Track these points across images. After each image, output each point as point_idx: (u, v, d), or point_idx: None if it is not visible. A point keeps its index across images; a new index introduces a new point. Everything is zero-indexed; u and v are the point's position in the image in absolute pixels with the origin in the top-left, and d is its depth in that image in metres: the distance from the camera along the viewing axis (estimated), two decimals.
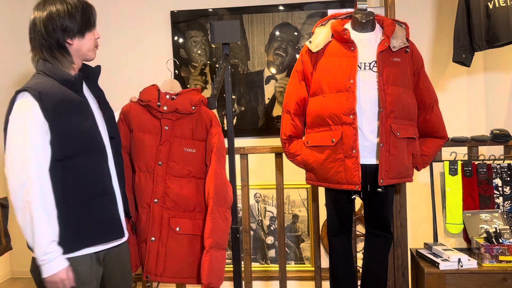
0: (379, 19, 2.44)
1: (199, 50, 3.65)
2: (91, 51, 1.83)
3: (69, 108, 1.72)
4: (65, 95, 1.73)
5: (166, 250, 2.12)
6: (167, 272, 2.13)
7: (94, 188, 1.77)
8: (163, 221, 2.13)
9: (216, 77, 2.39)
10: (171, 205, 2.13)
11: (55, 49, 1.76)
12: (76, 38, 1.77)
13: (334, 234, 2.50)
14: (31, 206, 1.63)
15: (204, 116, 2.22)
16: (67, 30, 1.74)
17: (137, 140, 2.17)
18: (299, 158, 2.46)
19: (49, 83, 1.72)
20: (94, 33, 1.83)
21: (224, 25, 2.50)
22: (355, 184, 2.25)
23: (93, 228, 1.76)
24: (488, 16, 2.91)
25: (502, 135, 2.67)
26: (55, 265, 1.66)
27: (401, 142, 2.31)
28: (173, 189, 2.13)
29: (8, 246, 3.37)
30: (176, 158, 2.15)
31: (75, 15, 1.75)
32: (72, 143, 1.71)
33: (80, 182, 1.73)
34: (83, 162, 1.74)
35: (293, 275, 3.46)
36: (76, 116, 1.73)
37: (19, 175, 1.64)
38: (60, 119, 1.69)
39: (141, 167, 2.17)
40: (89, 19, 1.79)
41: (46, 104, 1.66)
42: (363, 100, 2.28)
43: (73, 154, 1.72)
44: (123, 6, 3.71)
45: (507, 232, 2.49)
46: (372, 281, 2.50)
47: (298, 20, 3.56)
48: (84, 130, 1.75)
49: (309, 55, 2.43)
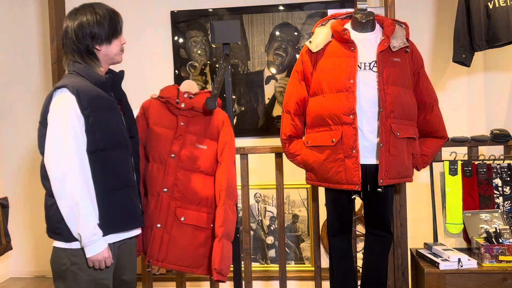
0: (379, 19, 2.44)
1: (199, 50, 3.65)
2: (117, 55, 2.01)
3: (102, 105, 1.90)
4: (97, 94, 1.90)
5: (169, 237, 2.23)
6: (168, 258, 2.24)
7: (120, 180, 1.95)
8: (170, 210, 2.24)
9: (216, 77, 2.40)
10: (178, 196, 2.25)
11: (85, 54, 1.94)
12: (104, 45, 1.95)
13: (334, 234, 2.50)
14: (76, 193, 1.79)
15: (217, 116, 2.35)
16: (96, 38, 1.92)
17: (153, 132, 2.32)
18: (299, 158, 2.46)
19: (82, 82, 1.89)
20: (121, 39, 2.01)
21: (224, 25, 2.50)
22: (355, 184, 2.25)
23: (119, 216, 1.93)
24: (488, 16, 2.91)
25: (502, 135, 2.67)
26: (100, 244, 1.84)
27: (401, 142, 2.31)
28: (182, 181, 2.25)
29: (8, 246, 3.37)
30: (188, 152, 2.28)
31: (103, 23, 1.93)
32: (104, 137, 1.88)
33: (109, 174, 1.90)
34: (112, 156, 1.92)
35: (293, 275, 3.46)
36: (107, 113, 1.92)
37: (61, 165, 1.80)
38: (94, 114, 1.86)
39: (155, 158, 2.30)
40: (115, 27, 1.97)
41: (82, 99, 1.83)
42: (363, 100, 2.28)
43: (104, 147, 1.88)
44: (123, 6, 3.71)
45: (507, 232, 2.49)
46: (372, 281, 2.50)
47: (298, 20, 3.56)
48: (113, 126, 1.93)
49: (309, 55, 2.43)
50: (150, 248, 2.24)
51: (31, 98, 3.78)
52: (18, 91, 3.81)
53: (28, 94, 3.80)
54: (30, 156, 3.82)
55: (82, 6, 1.96)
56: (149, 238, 2.25)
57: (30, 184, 3.82)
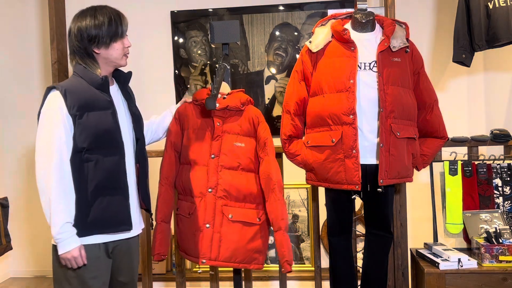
0: (379, 19, 2.44)
1: (199, 50, 3.66)
2: (119, 59, 2.01)
3: (92, 106, 1.92)
4: (91, 94, 1.93)
5: (220, 235, 2.29)
6: (220, 256, 2.29)
7: (107, 181, 1.94)
8: (217, 209, 2.30)
9: (216, 77, 2.40)
10: (223, 194, 2.31)
11: (85, 56, 1.97)
12: (103, 48, 1.96)
13: (334, 234, 2.50)
14: (51, 190, 1.84)
15: (251, 113, 2.39)
16: (93, 41, 1.94)
17: (191, 136, 2.39)
18: (299, 158, 2.46)
19: (78, 83, 1.95)
20: (124, 42, 2.01)
21: (224, 25, 2.50)
22: (355, 184, 2.25)
23: (103, 217, 1.93)
24: (488, 16, 2.91)
25: (502, 135, 2.67)
26: (69, 243, 1.85)
27: (401, 142, 2.31)
28: (225, 180, 2.31)
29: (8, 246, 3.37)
30: (227, 151, 2.33)
31: (101, 27, 1.94)
32: (91, 137, 1.89)
33: (95, 174, 1.91)
34: (99, 156, 1.92)
35: (293, 275, 3.46)
36: (97, 114, 1.92)
37: (43, 162, 1.87)
38: (81, 114, 1.89)
39: (196, 161, 2.35)
40: (115, 31, 1.97)
41: (70, 99, 1.89)
42: (363, 100, 2.28)
43: (91, 147, 1.90)
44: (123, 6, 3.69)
45: (507, 232, 2.50)
46: (372, 281, 2.50)
47: (298, 20, 3.56)
48: (103, 127, 1.92)
49: (309, 55, 2.43)
50: (201, 249, 2.29)
51: (31, 98, 3.78)
52: (18, 91, 3.81)
53: (28, 94, 3.79)
54: (30, 156, 3.82)
55: (86, 9, 2.00)
56: (198, 239, 2.30)
57: (30, 184, 3.82)
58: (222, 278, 2.97)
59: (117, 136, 1.98)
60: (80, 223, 1.89)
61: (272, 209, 2.28)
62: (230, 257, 2.29)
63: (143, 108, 2.40)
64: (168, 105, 3.61)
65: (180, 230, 2.40)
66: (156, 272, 3.47)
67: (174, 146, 2.40)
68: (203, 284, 3.52)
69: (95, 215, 1.91)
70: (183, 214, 2.37)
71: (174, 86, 3.67)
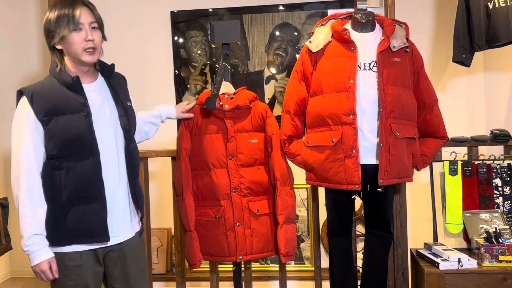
0: (379, 19, 2.44)
1: (199, 50, 3.66)
2: (79, 54, 1.83)
3: (61, 110, 1.80)
4: (60, 96, 1.81)
5: (251, 231, 2.39)
6: (254, 249, 2.41)
7: (81, 190, 1.82)
8: (243, 207, 2.39)
9: (216, 77, 2.40)
10: (247, 192, 2.39)
11: (52, 53, 1.87)
12: (61, 43, 1.83)
13: (334, 234, 2.50)
14: (18, 200, 1.80)
15: (259, 109, 2.45)
16: (50, 36, 1.83)
17: (205, 141, 2.42)
18: (299, 158, 2.46)
19: (50, 84, 1.84)
20: (83, 34, 1.82)
21: (224, 25, 2.50)
22: (355, 184, 2.25)
23: (77, 228, 1.83)
24: (488, 16, 2.91)
25: (502, 135, 2.67)
26: (37, 256, 1.80)
27: (401, 142, 2.31)
28: (246, 178, 2.39)
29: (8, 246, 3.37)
30: (243, 150, 2.40)
31: (56, 20, 1.80)
32: (60, 144, 1.79)
33: (68, 182, 1.81)
34: (71, 164, 1.81)
35: (293, 275, 3.46)
36: (67, 118, 1.80)
37: (13, 171, 1.81)
38: (50, 120, 1.79)
39: (215, 164, 2.40)
40: (67, 22, 1.79)
41: (36, 105, 1.79)
42: (363, 100, 2.28)
43: (60, 154, 1.80)
44: (123, 6, 3.72)
45: (507, 232, 2.49)
46: (372, 281, 2.50)
47: (298, 20, 3.56)
48: (73, 133, 1.80)
49: (309, 55, 2.43)
50: (236, 246, 2.38)
51: None
52: None
53: None
54: None
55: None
56: (231, 239, 2.38)
57: None
58: (222, 278, 2.97)
59: (90, 141, 1.82)
60: (55, 232, 1.82)
61: (276, 204, 2.39)
62: (262, 249, 2.42)
63: (143, 108, 2.40)
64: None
65: (204, 235, 2.42)
66: (156, 272, 3.48)
67: (187, 153, 2.43)
68: (203, 284, 3.52)
69: (70, 225, 1.82)
70: (206, 218, 2.41)
71: (174, 86, 3.67)
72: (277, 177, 2.38)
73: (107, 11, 3.65)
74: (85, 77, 1.90)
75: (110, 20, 3.66)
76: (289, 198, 2.40)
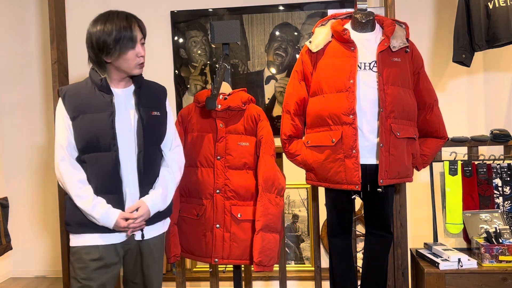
0: (379, 19, 2.44)
1: (199, 50, 3.66)
2: (131, 69, 1.95)
3: (87, 108, 1.92)
4: (89, 96, 1.94)
5: (230, 235, 2.33)
6: (232, 254, 2.34)
7: (102, 183, 1.92)
8: (226, 209, 2.34)
9: (216, 77, 2.40)
10: (231, 195, 2.35)
11: (95, 63, 1.95)
12: (113, 58, 1.90)
13: (334, 234, 2.50)
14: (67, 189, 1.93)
15: (253, 112, 2.41)
16: (102, 50, 1.89)
17: (196, 138, 2.42)
18: (299, 158, 2.46)
19: (83, 86, 1.98)
20: (136, 51, 1.92)
21: (224, 25, 2.50)
22: (355, 184, 2.25)
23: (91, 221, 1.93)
24: (488, 16, 2.91)
25: (502, 135, 2.67)
26: (111, 216, 1.90)
27: (401, 142, 2.31)
28: (232, 180, 2.35)
29: (8, 246, 3.38)
30: (232, 152, 2.36)
31: (110, 37, 1.86)
32: (83, 139, 1.91)
33: (91, 176, 1.93)
34: (91, 158, 1.92)
35: (293, 275, 3.46)
36: (91, 116, 1.91)
37: (55, 157, 1.95)
38: (76, 117, 1.91)
39: (202, 163, 2.39)
40: (125, 41, 1.88)
41: (67, 102, 1.94)
42: (363, 100, 2.28)
43: (83, 148, 1.92)
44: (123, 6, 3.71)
45: (507, 232, 2.50)
46: (372, 281, 2.50)
47: (298, 20, 3.56)
48: (95, 129, 1.90)
49: (309, 55, 2.43)
50: (214, 248, 2.34)
51: (31, 98, 3.78)
52: (18, 91, 3.81)
53: (28, 94, 3.80)
54: (30, 156, 3.82)
55: (101, 14, 1.94)
56: (208, 240, 2.35)
57: (30, 184, 3.82)
58: (222, 278, 2.97)
59: (111, 139, 1.91)
60: (79, 221, 1.92)
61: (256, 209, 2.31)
62: (242, 255, 2.33)
63: None
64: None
65: (185, 232, 2.41)
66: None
67: None
68: (203, 284, 3.52)
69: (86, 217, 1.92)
70: (189, 215, 2.39)
71: (174, 86, 3.67)
72: (260, 182, 2.31)
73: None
74: (119, 82, 1.99)
75: None
76: (272, 205, 2.31)
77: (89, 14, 2.04)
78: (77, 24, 3.41)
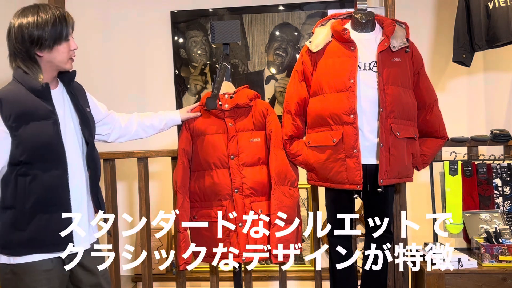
0: (379, 19, 2.44)
1: (199, 50, 3.65)
2: (64, 63, 1.84)
3: (29, 117, 1.76)
4: (29, 103, 1.77)
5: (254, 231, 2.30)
6: (258, 250, 2.33)
7: (47, 198, 1.79)
8: (246, 207, 2.35)
9: (216, 77, 2.40)
10: (249, 192, 2.36)
11: (26, 59, 1.80)
12: (46, 51, 1.79)
13: (334, 234, 2.50)
14: None
15: (260, 107, 2.43)
16: (35, 43, 1.77)
17: (206, 141, 2.41)
18: (300, 158, 2.46)
19: (16, 91, 1.78)
20: (70, 44, 1.83)
21: (224, 25, 2.50)
22: (356, 183, 2.26)
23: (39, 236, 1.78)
24: (488, 16, 2.91)
25: (502, 135, 2.67)
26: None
27: (401, 142, 2.31)
28: (248, 177, 2.36)
29: None
30: (245, 149, 2.38)
31: (44, 28, 1.77)
32: (29, 150, 1.75)
33: (34, 189, 1.77)
34: (38, 171, 1.77)
35: (293, 275, 3.46)
36: (36, 125, 1.76)
37: None
38: (18, 126, 1.74)
39: (216, 164, 2.38)
40: (60, 33, 1.79)
41: (6, 110, 1.73)
42: (363, 100, 2.28)
43: (28, 161, 1.75)
44: (123, 6, 3.71)
45: (507, 232, 2.50)
46: (372, 281, 2.50)
47: (298, 20, 3.56)
48: (42, 140, 1.77)
49: (309, 55, 2.43)
50: (239, 247, 2.32)
51: None
52: None
53: None
54: None
55: (29, 6, 1.82)
56: (233, 240, 2.34)
57: None
58: (222, 278, 2.96)
59: (58, 149, 1.80)
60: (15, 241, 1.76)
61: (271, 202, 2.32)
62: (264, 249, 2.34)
63: (142, 108, 2.40)
64: (168, 105, 3.63)
65: (207, 236, 2.37)
66: (156, 272, 3.47)
67: (187, 154, 2.43)
68: (203, 284, 3.52)
69: (33, 234, 1.77)
70: (210, 219, 2.35)
71: (174, 86, 3.67)
72: (273, 176, 2.34)
73: (107, 11, 3.66)
74: (51, 81, 1.87)
75: (110, 20, 3.67)
76: (286, 197, 2.33)
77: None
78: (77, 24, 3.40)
